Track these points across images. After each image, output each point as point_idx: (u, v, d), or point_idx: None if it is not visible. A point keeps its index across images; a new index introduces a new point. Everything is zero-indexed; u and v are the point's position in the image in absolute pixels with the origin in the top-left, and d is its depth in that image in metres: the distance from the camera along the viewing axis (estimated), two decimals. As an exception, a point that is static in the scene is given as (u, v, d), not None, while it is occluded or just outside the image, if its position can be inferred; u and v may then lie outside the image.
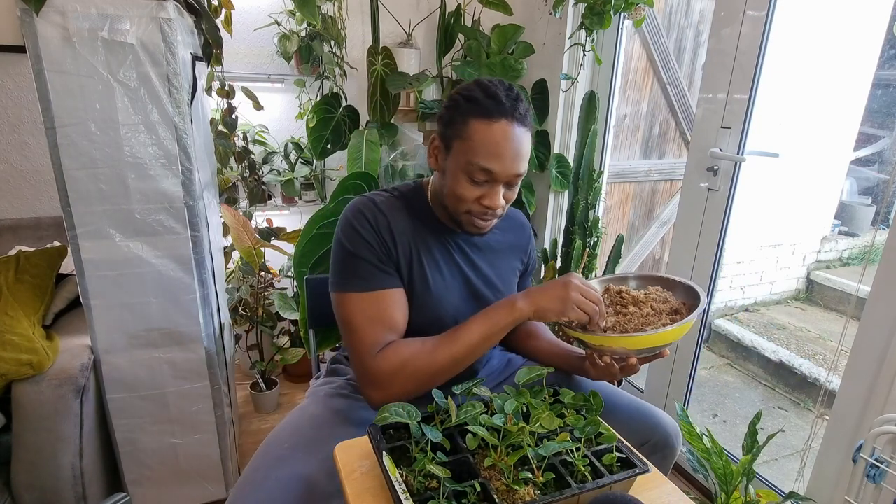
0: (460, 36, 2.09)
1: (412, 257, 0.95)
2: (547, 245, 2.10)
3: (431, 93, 2.17)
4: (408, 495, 0.63)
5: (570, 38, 1.89)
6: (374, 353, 0.87)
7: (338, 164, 2.22)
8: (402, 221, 0.96)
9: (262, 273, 1.99)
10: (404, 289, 0.95)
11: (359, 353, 0.89)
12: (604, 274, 1.89)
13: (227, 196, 2.04)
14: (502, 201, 0.90)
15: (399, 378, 0.86)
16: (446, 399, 0.75)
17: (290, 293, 2.11)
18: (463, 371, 0.90)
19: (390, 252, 0.94)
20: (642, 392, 1.88)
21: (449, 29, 2.04)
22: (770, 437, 1.11)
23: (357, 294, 0.91)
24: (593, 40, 1.81)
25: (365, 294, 0.91)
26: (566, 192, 2.02)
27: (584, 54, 1.83)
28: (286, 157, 2.19)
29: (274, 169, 2.18)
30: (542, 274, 2.03)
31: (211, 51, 1.50)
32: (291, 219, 2.27)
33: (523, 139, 0.87)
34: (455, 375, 0.88)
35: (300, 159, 2.20)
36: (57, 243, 1.68)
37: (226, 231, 1.90)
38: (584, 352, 0.97)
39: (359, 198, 0.97)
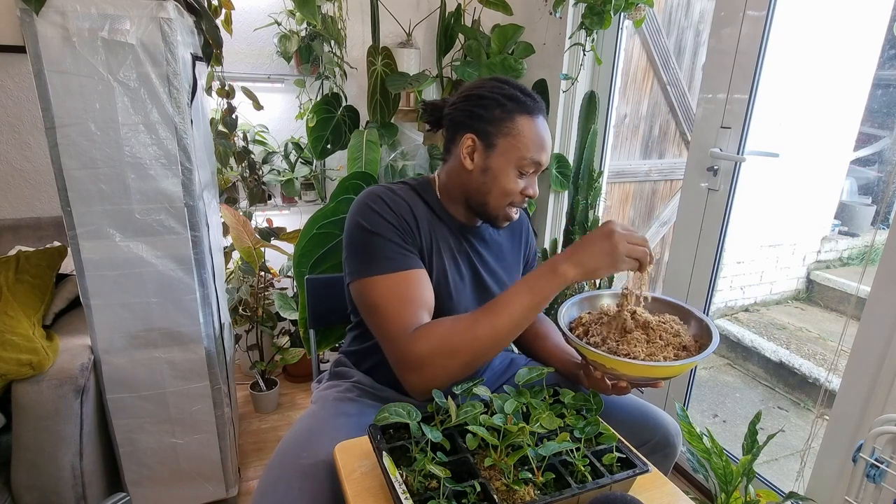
0: (460, 36, 2.09)
1: (432, 246, 0.95)
2: (547, 245, 2.10)
3: (431, 93, 2.17)
4: (408, 495, 0.63)
5: (570, 38, 1.89)
6: (409, 335, 0.82)
7: (338, 164, 2.22)
8: (421, 210, 0.96)
9: (262, 273, 1.99)
10: None
11: (392, 337, 0.84)
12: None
13: (227, 196, 2.04)
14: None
15: (438, 358, 0.80)
16: (446, 399, 0.75)
17: (290, 293, 2.11)
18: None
19: (413, 235, 0.93)
20: (642, 392, 1.88)
21: (449, 29, 2.04)
22: (770, 437, 1.11)
23: (384, 276, 0.87)
24: (593, 40, 1.81)
25: (392, 275, 0.87)
26: (566, 192, 2.02)
27: (584, 54, 1.83)
28: (286, 157, 2.19)
29: (274, 169, 2.18)
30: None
31: (211, 51, 1.50)
32: (291, 219, 2.27)
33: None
34: (496, 355, 0.83)
35: (300, 159, 2.20)
36: (57, 243, 1.68)
37: (226, 231, 1.90)
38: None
39: (373, 186, 0.96)
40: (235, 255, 1.99)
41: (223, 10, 1.80)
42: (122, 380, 1.30)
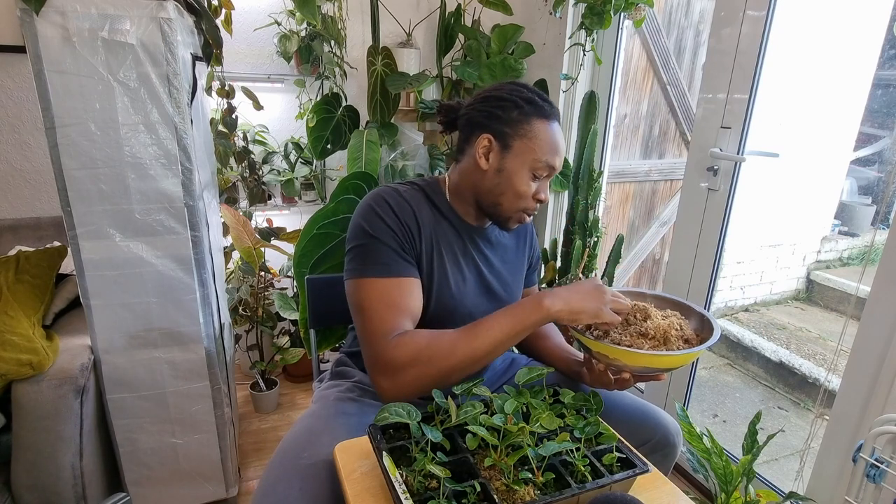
0: (460, 36, 2.09)
1: (433, 249, 0.96)
2: (547, 245, 2.10)
3: (431, 93, 2.17)
4: (408, 495, 0.63)
5: (570, 38, 1.89)
6: (389, 339, 0.84)
7: (338, 164, 2.22)
8: (426, 213, 0.97)
9: (262, 273, 1.99)
10: (421, 280, 0.94)
11: (372, 339, 0.86)
12: (603, 274, 1.90)
13: (227, 196, 2.04)
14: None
15: (413, 367, 0.82)
16: (446, 399, 0.75)
17: (290, 293, 2.11)
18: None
19: (413, 241, 0.93)
20: (642, 392, 1.88)
21: (449, 29, 2.04)
22: (770, 437, 1.11)
23: (376, 279, 0.89)
24: (593, 40, 1.81)
25: (384, 280, 0.89)
26: (566, 192, 2.02)
27: (584, 54, 1.83)
28: (286, 157, 2.19)
29: (274, 169, 2.18)
30: (542, 274, 2.03)
31: (211, 51, 1.50)
32: (291, 219, 2.27)
33: None
34: (471, 373, 0.84)
35: (300, 159, 2.20)
36: (57, 243, 1.68)
37: (226, 231, 1.90)
38: (582, 356, 0.96)
39: (380, 187, 0.97)
40: (235, 255, 1.99)
41: (223, 10, 1.80)
42: (122, 380, 1.30)
